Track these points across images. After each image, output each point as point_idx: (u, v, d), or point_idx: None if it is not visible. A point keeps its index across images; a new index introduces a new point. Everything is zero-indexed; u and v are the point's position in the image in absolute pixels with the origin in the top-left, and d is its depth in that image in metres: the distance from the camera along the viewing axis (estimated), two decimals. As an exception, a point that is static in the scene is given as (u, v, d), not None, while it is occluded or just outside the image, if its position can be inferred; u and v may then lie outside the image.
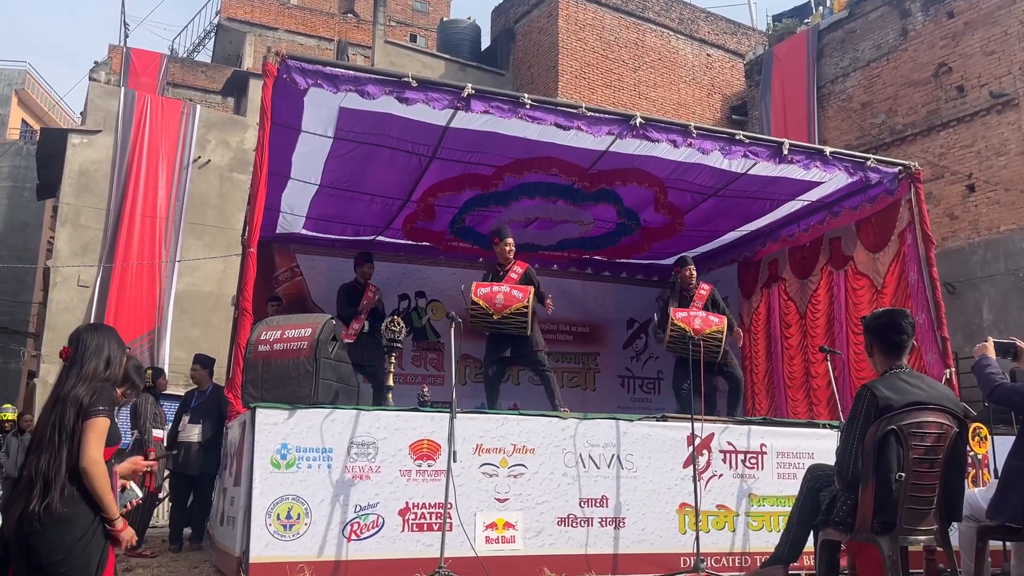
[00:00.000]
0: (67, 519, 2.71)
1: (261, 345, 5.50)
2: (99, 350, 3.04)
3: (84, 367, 2.97)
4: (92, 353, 3.01)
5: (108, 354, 3.05)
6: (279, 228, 9.10)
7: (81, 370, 2.96)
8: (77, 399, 2.87)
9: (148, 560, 6.55)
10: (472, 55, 21.58)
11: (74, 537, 2.71)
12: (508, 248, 7.28)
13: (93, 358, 3.00)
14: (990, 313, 13.28)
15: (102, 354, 3.03)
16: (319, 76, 6.03)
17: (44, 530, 2.68)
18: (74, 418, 2.83)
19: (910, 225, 7.84)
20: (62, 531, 2.69)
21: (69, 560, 2.69)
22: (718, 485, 6.04)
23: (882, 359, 3.60)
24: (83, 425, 2.83)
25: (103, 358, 3.02)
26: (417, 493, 5.27)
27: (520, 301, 6.97)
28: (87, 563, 2.74)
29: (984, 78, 13.77)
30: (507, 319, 6.95)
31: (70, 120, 31.52)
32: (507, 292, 6.99)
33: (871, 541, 3.37)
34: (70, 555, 2.69)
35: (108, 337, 3.11)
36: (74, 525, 2.72)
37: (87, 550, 2.74)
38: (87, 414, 2.84)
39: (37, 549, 2.68)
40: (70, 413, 2.83)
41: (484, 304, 6.91)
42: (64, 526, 2.70)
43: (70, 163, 17.03)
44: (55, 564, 2.67)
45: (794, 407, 9.43)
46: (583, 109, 6.70)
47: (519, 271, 7.26)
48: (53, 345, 15.77)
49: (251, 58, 23.15)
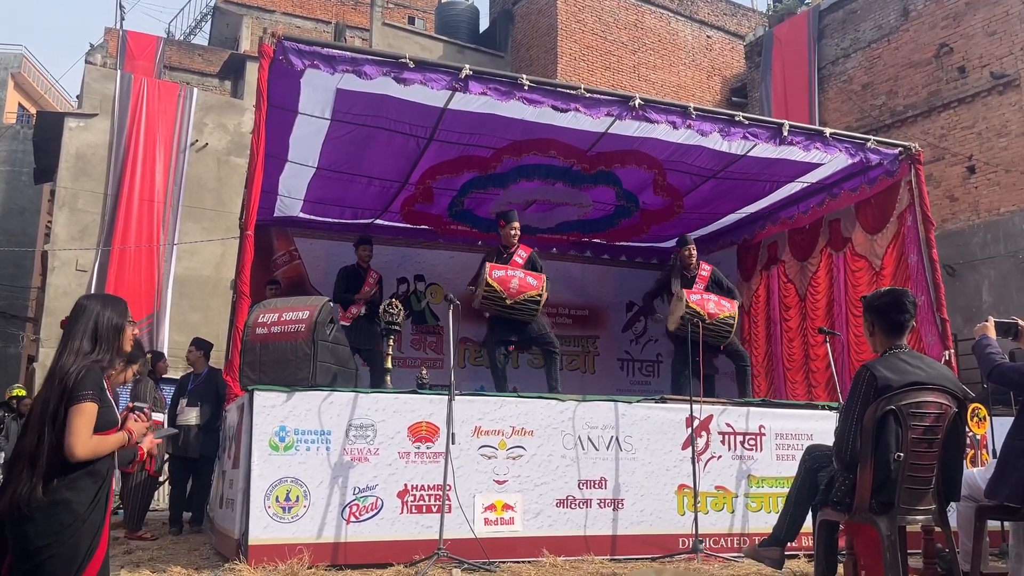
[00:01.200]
0: (51, 506, 2.62)
1: (259, 328, 5.48)
2: (87, 323, 2.83)
3: (71, 342, 2.79)
4: (80, 327, 2.82)
5: (96, 328, 2.83)
6: (277, 211, 9.07)
7: (67, 344, 2.79)
8: (61, 379, 2.70)
9: (148, 543, 6.57)
10: (470, 37, 21.44)
11: (61, 523, 2.63)
12: (514, 232, 7.26)
13: (79, 333, 2.80)
14: (990, 295, 13.27)
15: (88, 328, 2.82)
16: (316, 57, 5.99)
17: (32, 515, 2.60)
18: (57, 400, 2.68)
19: (910, 207, 7.81)
20: (47, 517, 2.61)
21: (54, 547, 2.61)
22: (717, 467, 6.05)
23: (883, 339, 3.58)
24: (68, 412, 2.67)
25: (89, 333, 2.81)
26: (416, 475, 5.28)
27: (535, 289, 6.96)
28: (74, 550, 2.64)
29: (986, 58, 13.68)
30: (519, 304, 6.93)
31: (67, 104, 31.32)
32: (522, 278, 6.97)
33: (869, 521, 3.37)
34: (55, 541, 2.61)
35: (102, 308, 2.89)
36: (60, 512, 2.63)
37: (74, 538, 2.65)
38: (71, 399, 2.68)
39: (25, 533, 2.61)
40: (54, 394, 2.68)
41: (498, 287, 6.88)
42: (49, 512, 2.62)
43: (67, 147, 16.95)
44: (40, 549, 2.60)
45: (793, 389, 9.44)
46: (582, 90, 6.66)
47: (524, 255, 7.24)
48: (52, 329, 15.76)
49: (248, 41, 22.97)
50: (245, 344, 5.47)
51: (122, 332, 2.91)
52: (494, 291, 6.86)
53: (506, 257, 7.23)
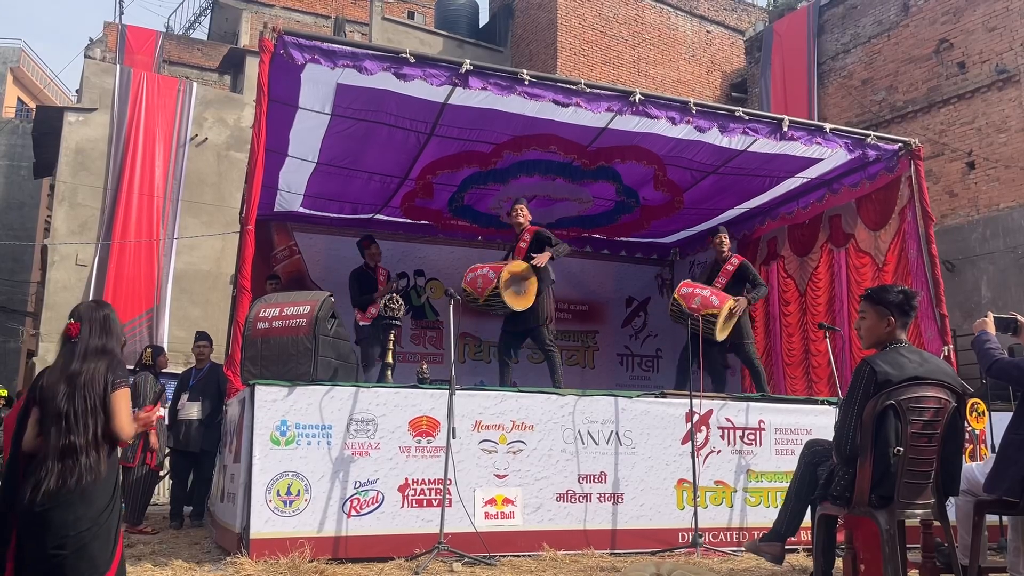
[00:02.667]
0: (93, 492, 2.87)
1: (260, 322, 5.49)
2: (109, 325, 3.17)
3: (98, 343, 3.09)
4: (104, 329, 3.14)
5: (117, 329, 3.20)
6: (277, 206, 9.07)
7: (92, 346, 3.08)
8: (102, 375, 2.99)
9: (149, 536, 6.59)
10: (470, 32, 21.40)
11: (99, 508, 2.88)
12: (516, 213, 7.34)
13: (104, 334, 3.13)
14: (989, 290, 13.29)
15: (113, 329, 3.18)
16: (316, 52, 5.99)
17: (71, 503, 2.81)
18: (102, 394, 2.97)
19: (910, 202, 7.82)
20: (87, 503, 2.85)
21: (94, 529, 2.85)
22: (716, 461, 6.07)
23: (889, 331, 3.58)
24: (112, 397, 2.99)
25: (115, 333, 3.17)
26: (416, 469, 5.30)
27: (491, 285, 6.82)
28: (109, 532, 2.91)
29: (986, 54, 13.68)
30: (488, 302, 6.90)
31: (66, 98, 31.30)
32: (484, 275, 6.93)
33: (869, 515, 3.38)
34: (95, 524, 2.85)
35: (113, 313, 3.26)
36: (99, 497, 2.90)
37: (110, 519, 2.92)
38: (114, 386, 3.00)
39: (62, 521, 2.80)
40: (95, 390, 2.96)
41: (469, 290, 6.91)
42: (90, 498, 2.86)
43: (66, 141, 16.93)
44: (82, 534, 2.81)
45: (792, 384, 9.46)
46: (582, 85, 6.66)
47: (528, 238, 7.27)
48: (52, 324, 15.77)
49: (247, 35, 22.93)
50: (246, 339, 5.48)
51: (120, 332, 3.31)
52: (469, 295, 6.90)
53: (513, 244, 7.35)
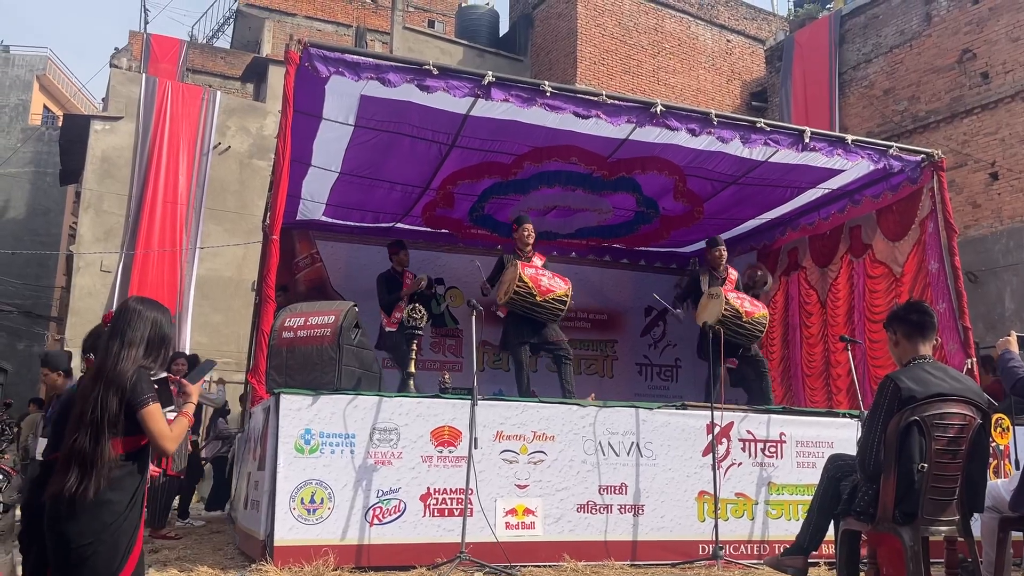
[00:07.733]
0: (99, 505, 2.72)
1: (285, 332, 5.55)
2: (145, 331, 2.92)
3: (129, 349, 2.87)
4: (139, 334, 2.91)
5: (152, 337, 2.93)
6: (299, 215, 9.16)
7: (124, 348, 2.87)
8: (119, 385, 2.79)
9: (173, 542, 6.66)
10: (490, 41, 21.49)
11: (104, 523, 2.72)
12: (527, 233, 7.33)
13: (138, 341, 2.89)
14: (1012, 302, 13.16)
15: (146, 336, 2.92)
16: (341, 64, 6.05)
17: (76, 515, 2.69)
18: (117, 405, 2.77)
19: (932, 213, 7.77)
20: (91, 517, 2.71)
21: (96, 544, 2.71)
22: (737, 473, 6.06)
23: (908, 347, 3.59)
24: (140, 417, 2.79)
25: (146, 341, 2.91)
26: (438, 479, 5.33)
27: (562, 290, 7.09)
28: (114, 548, 2.75)
29: (1009, 64, 13.58)
30: (547, 303, 7.02)
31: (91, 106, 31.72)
32: (550, 277, 7.10)
33: (892, 531, 3.38)
34: (97, 540, 2.71)
35: (158, 316, 2.98)
36: (105, 511, 2.73)
37: (115, 535, 2.75)
38: (136, 406, 2.79)
39: (67, 533, 2.70)
40: (112, 399, 2.77)
41: (531, 285, 6.95)
42: (95, 512, 2.71)
43: (92, 149, 17.18)
44: (83, 547, 2.69)
45: (812, 395, 9.41)
46: (603, 97, 6.68)
47: (539, 263, 7.30)
48: (77, 329, 15.96)
49: (270, 44, 23.17)
50: (271, 348, 5.54)
51: (170, 343, 3.04)
52: (526, 287, 6.91)
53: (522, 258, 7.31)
